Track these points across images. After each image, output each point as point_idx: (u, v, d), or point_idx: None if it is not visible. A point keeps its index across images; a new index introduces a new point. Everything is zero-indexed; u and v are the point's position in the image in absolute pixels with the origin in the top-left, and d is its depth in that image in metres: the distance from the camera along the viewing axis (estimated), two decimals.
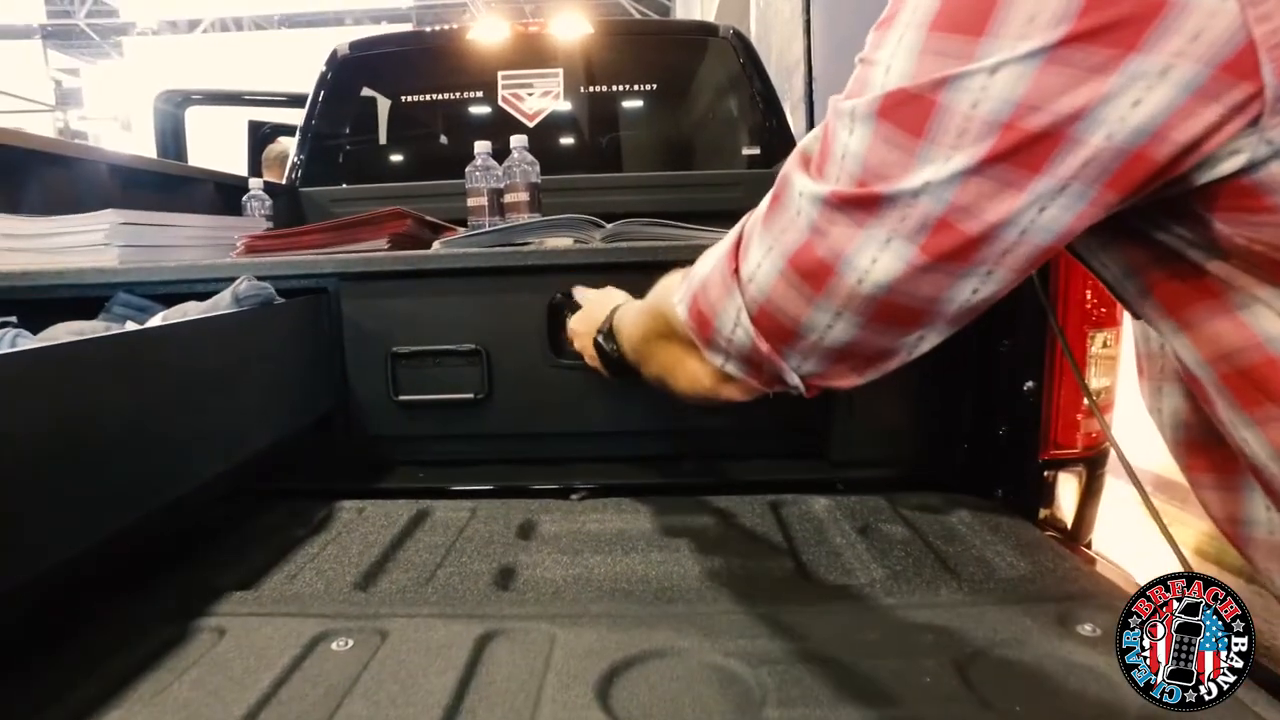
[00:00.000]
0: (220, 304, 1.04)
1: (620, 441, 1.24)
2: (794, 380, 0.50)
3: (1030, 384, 1.08)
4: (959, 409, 1.19)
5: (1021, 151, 0.38)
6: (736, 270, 0.49)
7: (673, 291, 0.58)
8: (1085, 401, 1.06)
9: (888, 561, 0.89)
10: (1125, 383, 1.15)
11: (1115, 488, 1.16)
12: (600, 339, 0.82)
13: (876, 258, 0.42)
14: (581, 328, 0.92)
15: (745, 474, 1.19)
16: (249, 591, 0.83)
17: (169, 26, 12.94)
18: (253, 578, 0.87)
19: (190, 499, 0.85)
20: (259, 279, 1.11)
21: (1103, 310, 1.08)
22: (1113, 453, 1.16)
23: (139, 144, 9.19)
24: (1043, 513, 1.11)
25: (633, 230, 1.20)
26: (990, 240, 0.40)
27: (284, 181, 2.28)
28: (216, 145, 3.17)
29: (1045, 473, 1.09)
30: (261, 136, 3.01)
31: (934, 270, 0.42)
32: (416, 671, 0.67)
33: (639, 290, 0.72)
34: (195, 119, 2.79)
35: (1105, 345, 1.09)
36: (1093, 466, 1.11)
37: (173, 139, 2.70)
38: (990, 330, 1.13)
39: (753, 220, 0.50)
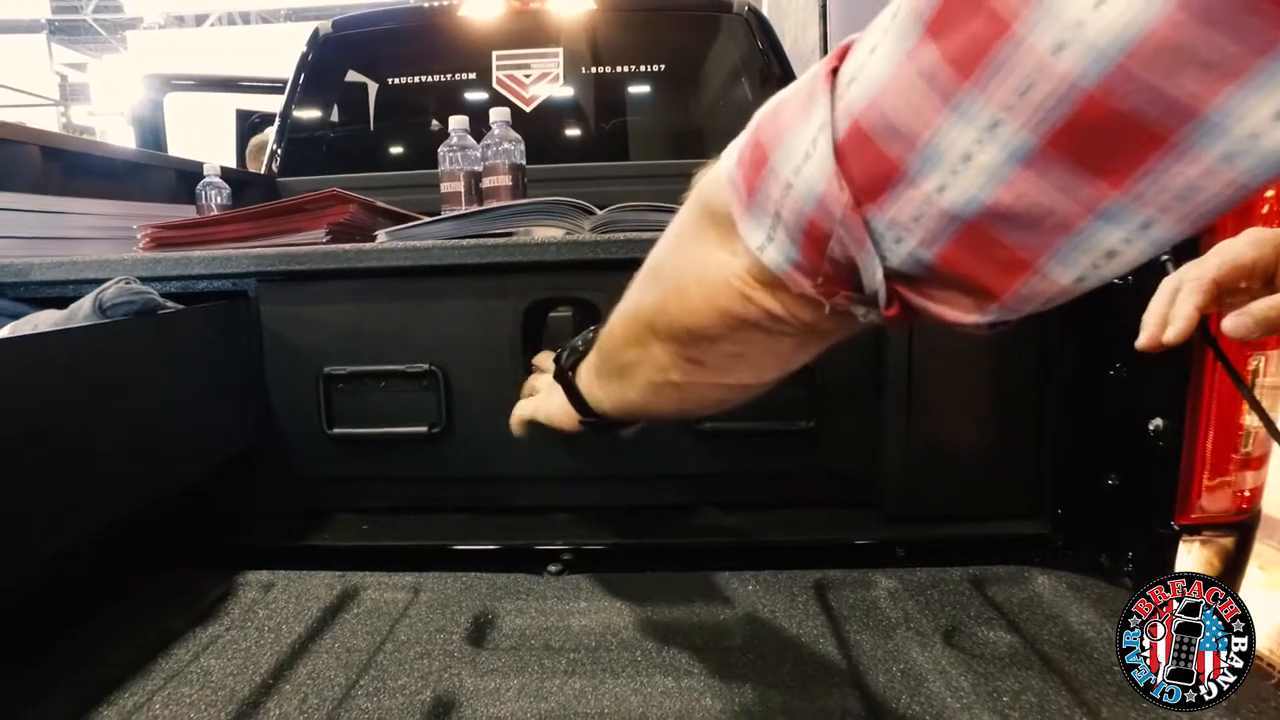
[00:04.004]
0: (79, 314, 0.78)
1: (612, 488, 0.98)
2: (873, 279, 0.29)
3: (1159, 422, 0.81)
4: (1054, 452, 0.92)
5: None
6: (835, 70, 0.29)
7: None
8: (1266, 434, 0.78)
9: (994, 695, 0.61)
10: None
11: None
12: (562, 355, 0.58)
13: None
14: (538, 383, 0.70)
15: (771, 532, 0.93)
16: None
17: (175, 21, 12.81)
18: (82, 710, 0.60)
19: (35, 579, 0.60)
20: (153, 279, 0.88)
21: None
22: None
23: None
24: None
25: (628, 218, 0.93)
26: None
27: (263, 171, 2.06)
28: (214, 137, 2.98)
29: (1182, 541, 0.82)
30: (250, 126, 2.85)
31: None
32: None
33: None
34: (194, 111, 2.59)
35: (1262, 373, 0.82)
36: (1244, 534, 0.84)
37: (151, 127, 2.48)
38: (1098, 349, 0.86)
39: None
